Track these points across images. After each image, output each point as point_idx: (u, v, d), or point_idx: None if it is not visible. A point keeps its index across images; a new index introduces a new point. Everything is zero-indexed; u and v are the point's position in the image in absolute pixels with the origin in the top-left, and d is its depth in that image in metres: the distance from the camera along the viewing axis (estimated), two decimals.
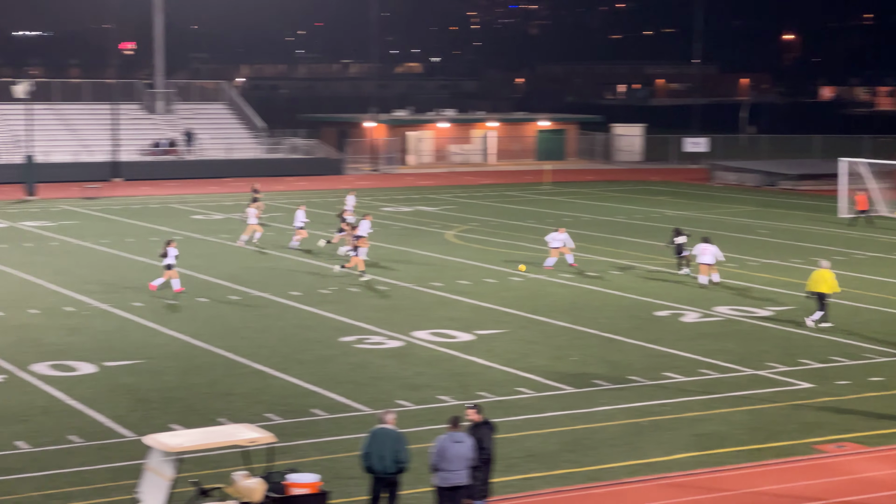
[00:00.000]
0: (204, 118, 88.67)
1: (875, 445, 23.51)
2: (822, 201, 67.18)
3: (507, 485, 21.16)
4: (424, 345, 31.48)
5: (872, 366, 29.60)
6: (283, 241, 49.74)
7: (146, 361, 29.67)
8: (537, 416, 25.36)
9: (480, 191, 73.42)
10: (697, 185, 77.63)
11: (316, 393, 27.02)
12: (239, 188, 73.97)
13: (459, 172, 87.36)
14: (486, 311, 35.81)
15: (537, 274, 42.04)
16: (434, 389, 27.24)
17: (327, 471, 21.61)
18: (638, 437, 23.91)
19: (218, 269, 43.11)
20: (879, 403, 26.32)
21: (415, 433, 23.84)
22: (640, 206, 64.27)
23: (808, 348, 31.25)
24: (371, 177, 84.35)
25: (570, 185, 77.58)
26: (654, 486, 21.28)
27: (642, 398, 26.64)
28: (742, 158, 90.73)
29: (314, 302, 37.25)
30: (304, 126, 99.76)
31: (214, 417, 24.92)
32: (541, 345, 31.56)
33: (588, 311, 35.89)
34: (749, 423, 24.86)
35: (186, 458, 21.07)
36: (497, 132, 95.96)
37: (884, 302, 37.48)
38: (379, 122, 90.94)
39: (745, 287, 40.06)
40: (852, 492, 21.01)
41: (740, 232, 54.16)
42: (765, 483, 21.46)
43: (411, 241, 50.59)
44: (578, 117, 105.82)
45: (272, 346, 31.37)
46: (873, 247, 49.49)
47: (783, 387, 27.69)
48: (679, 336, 32.70)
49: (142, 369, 28.89)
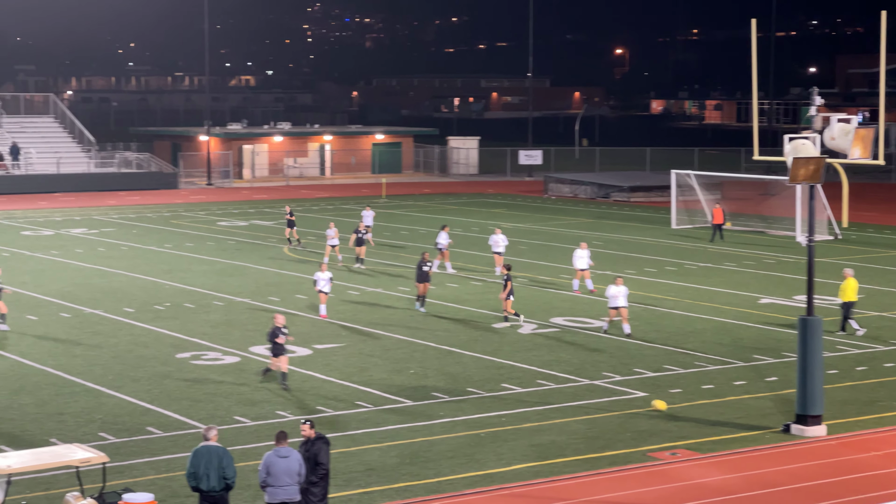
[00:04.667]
0: (31, 132, 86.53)
1: (707, 452, 24.00)
2: (653, 212, 68.55)
3: (346, 499, 21.04)
4: (262, 360, 31.15)
5: (704, 374, 30.25)
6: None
7: None
8: (376, 429, 25.28)
9: (317, 204, 73.13)
10: (532, 198, 78.56)
11: (151, 410, 26.52)
12: (68, 203, 72.43)
13: (295, 186, 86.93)
14: (324, 325, 35.62)
15: (375, 287, 42.00)
16: (272, 405, 26.97)
17: (163, 490, 21.23)
18: (477, 449, 24.01)
19: (48, 286, 42.08)
20: (711, 411, 26.89)
21: (253, 449, 23.58)
22: (477, 218, 64.73)
23: (642, 358, 31.78)
24: (206, 191, 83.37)
25: (406, 197, 77.79)
26: (493, 498, 21.38)
27: (481, 410, 26.77)
28: (576, 171, 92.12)
29: (148, 318, 36.60)
30: (137, 140, 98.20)
31: (46, 438, 24.27)
32: (379, 358, 31.50)
33: (426, 324, 35.95)
34: (586, 433, 25.16)
35: (17, 480, 20.47)
36: (332, 145, 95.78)
37: (714, 311, 38.35)
38: (213, 135, 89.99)
39: (580, 298, 40.58)
40: (686, 498, 21.40)
41: (575, 244, 54.84)
42: (602, 491, 21.73)
43: (247, 256, 50.12)
44: (414, 130, 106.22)
45: (105, 364, 30.71)
46: (703, 257, 50.65)
47: (618, 396, 28.10)
48: (516, 347, 32.96)
49: None
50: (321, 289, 36.51)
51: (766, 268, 47.67)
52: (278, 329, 28.22)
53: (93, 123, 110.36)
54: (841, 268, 39.20)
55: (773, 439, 24.88)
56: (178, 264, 47.67)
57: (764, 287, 42.96)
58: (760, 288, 42.76)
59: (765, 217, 63.14)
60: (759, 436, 25.10)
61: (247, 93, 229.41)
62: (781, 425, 25.65)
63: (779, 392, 28.45)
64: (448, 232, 46.16)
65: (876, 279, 44.77)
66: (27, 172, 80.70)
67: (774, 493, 21.70)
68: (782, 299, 40.49)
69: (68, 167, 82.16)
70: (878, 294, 41.70)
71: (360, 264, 46.43)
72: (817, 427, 25.24)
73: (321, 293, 36.60)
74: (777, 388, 28.88)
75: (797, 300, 40.03)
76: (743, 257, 50.56)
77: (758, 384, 29.24)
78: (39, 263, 47.52)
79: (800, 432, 25.19)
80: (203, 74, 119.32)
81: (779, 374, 30.10)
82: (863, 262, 49.01)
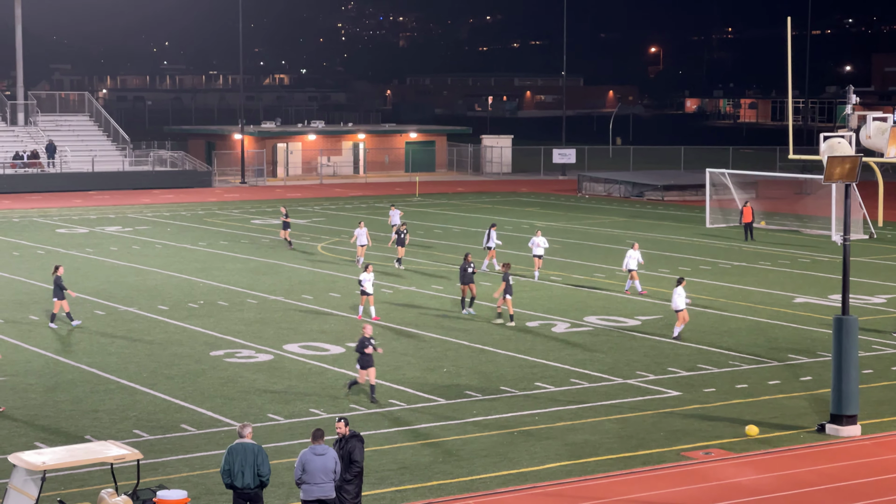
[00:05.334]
0: (67, 130, 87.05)
1: (740, 452, 23.91)
2: (687, 211, 68.32)
3: (379, 497, 21.06)
4: (295, 358, 31.24)
5: (738, 373, 30.12)
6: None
7: (8, 379, 28.96)
8: (409, 427, 25.30)
9: (350, 202, 73.26)
10: (566, 196, 78.42)
11: (185, 408, 26.63)
12: (103, 201, 72.81)
13: (329, 185, 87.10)
14: (358, 324, 35.63)
15: (409, 286, 42.02)
16: (305, 403, 27.02)
17: (197, 487, 21.31)
18: (510, 448, 23.98)
19: (83, 283, 42.30)
20: (745, 410, 26.78)
21: (287, 447, 23.64)
22: (511, 217, 64.66)
23: (676, 357, 31.68)
24: (239, 189, 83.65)
25: (439, 196, 77.79)
26: (526, 496, 21.36)
27: (514, 409, 26.74)
28: (609, 170, 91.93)
29: (182, 316, 36.75)
30: (171, 138, 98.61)
31: (81, 435, 24.40)
32: (412, 356, 31.52)
33: (459, 322, 35.94)
34: (619, 432, 25.10)
35: (51, 476, 20.60)
36: (366, 144, 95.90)
37: (748, 310, 38.19)
38: (247, 134, 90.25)
39: (614, 297, 40.50)
40: (720, 497, 21.31)
41: (609, 242, 54.81)
42: (635, 491, 21.67)
43: (281, 255, 50.23)
44: (447, 129, 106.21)
45: (139, 362, 30.85)
46: (738, 256, 50.44)
47: (652, 395, 28.02)
48: (550, 346, 32.92)
49: (4, 387, 28.18)
50: (366, 290, 36.01)
51: (801, 267, 47.43)
52: (366, 340, 27.01)
53: (127, 122, 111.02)
54: (876, 268, 38.92)
55: (808, 439, 24.75)
56: (212, 262, 47.84)
57: (799, 286, 42.75)
58: (795, 287, 42.55)
59: (800, 216, 62.83)
60: (793, 435, 24.98)
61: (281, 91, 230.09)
62: (816, 425, 25.51)
63: (813, 392, 28.30)
64: (496, 232, 45.92)
65: None
66: (62, 170, 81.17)
67: (808, 493, 21.59)
68: (817, 298, 40.27)
69: (103, 165, 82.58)
70: None
71: (398, 264, 46.22)
72: (852, 427, 25.09)
73: (366, 295, 36.09)
74: (812, 387, 28.73)
75: (832, 299, 39.81)
76: (778, 256, 50.33)
77: (792, 384, 29.10)
78: (74, 261, 47.78)
79: (835, 432, 25.05)
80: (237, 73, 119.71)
81: (813, 374, 29.94)
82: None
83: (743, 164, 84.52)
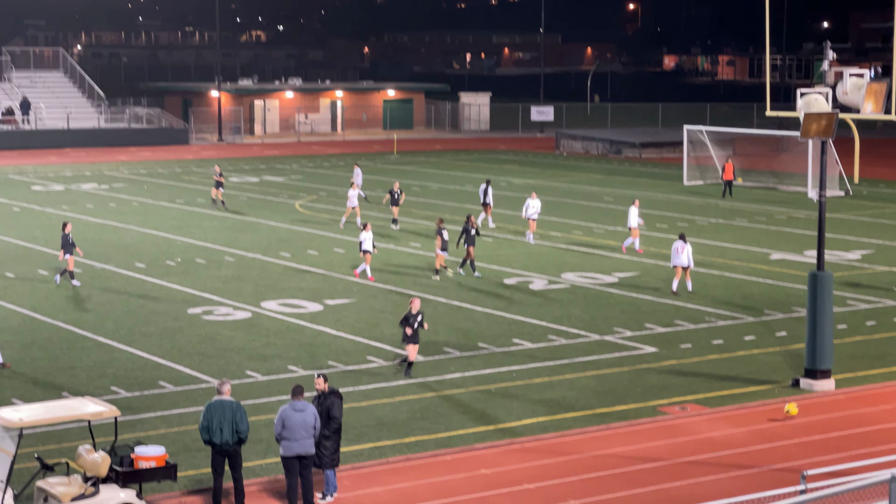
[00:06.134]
0: (41, 87, 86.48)
1: (716, 406, 24.07)
2: (665, 168, 68.41)
3: (357, 453, 21.14)
4: (273, 315, 31.26)
5: (714, 329, 30.28)
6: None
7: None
8: (388, 384, 25.37)
9: (328, 160, 73.08)
10: (544, 154, 78.39)
11: (163, 365, 26.64)
12: (79, 159, 72.47)
13: (307, 142, 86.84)
14: (335, 281, 35.69)
15: (386, 243, 42.02)
16: (283, 360, 27.07)
17: (175, 443, 21.36)
18: (487, 404, 24.09)
19: (58, 241, 42.03)
20: (720, 366, 26.95)
21: (265, 404, 23.69)
22: (489, 174, 64.62)
23: (653, 313, 31.81)
24: (217, 147, 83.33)
25: (418, 154, 77.69)
26: (503, 452, 21.47)
27: (491, 365, 26.84)
28: (587, 127, 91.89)
29: (160, 274, 36.70)
30: (147, 95, 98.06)
31: (58, 392, 24.41)
32: (390, 314, 31.56)
33: (437, 280, 35.96)
34: (596, 388, 25.23)
35: (29, 433, 20.61)
36: (344, 102, 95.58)
37: (725, 267, 38.34)
38: (224, 91, 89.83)
39: (590, 254, 40.60)
40: (695, 452, 21.47)
41: (586, 200, 54.87)
42: (611, 446, 21.81)
43: (259, 212, 50.15)
44: (425, 86, 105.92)
45: (116, 319, 30.82)
46: (715, 213, 50.57)
47: (629, 351, 28.16)
48: (527, 303, 33.00)
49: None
50: (367, 249, 35.66)
51: (778, 223, 47.60)
52: (412, 316, 25.89)
53: (103, 79, 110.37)
54: (852, 224, 39.14)
55: (782, 393, 24.94)
56: (189, 220, 47.74)
57: (775, 243, 42.92)
58: (771, 243, 42.72)
59: (777, 173, 62.97)
60: (768, 390, 25.16)
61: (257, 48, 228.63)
62: (791, 380, 25.69)
63: (788, 347, 28.48)
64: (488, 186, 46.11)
65: (887, 234, 44.68)
66: (37, 127, 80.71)
67: (783, 446, 21.77)
68: (793, 255, 40.45)
69: (78, 122, 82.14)
70: (889, 249, 41.63)
71: (395, 225, 45.57)
72: (826, 381, 25.29)
73: (367, 254, 35.83)
74: (787, 342, 28.91)
75: (808, 256, 39.99)
76: (754, 213, 50.48)
77: (767, 339, 29.27)
78: (50, 219, 47.59)
79: (809, 387, 25.24)
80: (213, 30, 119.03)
81: (788, 329, 30.12)
82: (873, 218, 48.91)
83: (720, 121, 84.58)
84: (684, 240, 34.19)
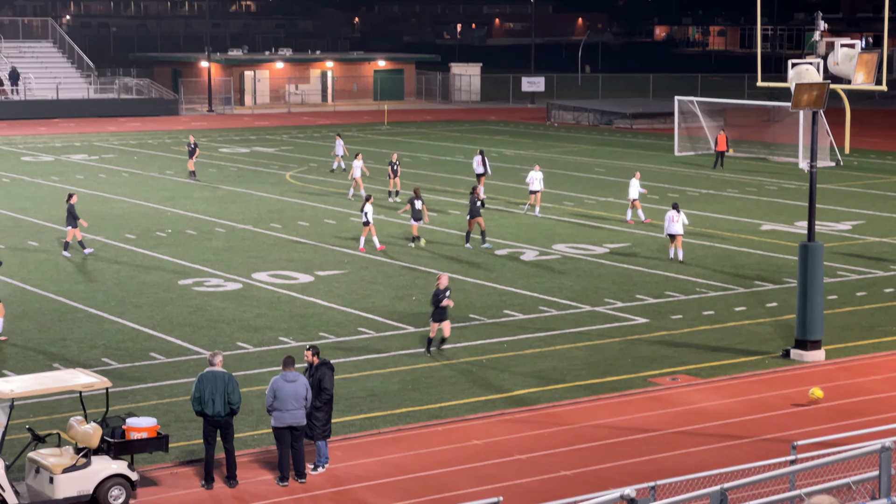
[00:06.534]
0: (30, 57, 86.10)
1: (706, 377, 24.13)
2: (656, 139, 68.37)
3: (349, 424, 21.17)
4: (264, 286, 31.24)
5: (704, 300, 30.32)
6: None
7: None
8: (379, 355, 25.39)
9: (319, 131, 72.93)
10: (535, 125, 78.29)
11: (154, 336, 26.63)
12: (68, 129, 72.24)
13: (297, 113, 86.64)
14: (326, 252, 35.67)
15: (377, 214, 41.95)
16: (274, 331, 27.07)
17: (166, 414, 21.37)
18: (478, 375, 24.12)
19: (49, 212, 42.07)
20: (710, 336, 27.00)
21: (257, 375, 23.71)
22: (479, 145, 64.51)
23: (644, 284, 31.84)
24: (207, 117, 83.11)
25: (408, 125, 77.54)
26: (494, 423, 21.51)
27: (483, 336, 26.86)
28: (578, 98, 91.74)
29: (150, 245, 36.64)
30: (137, 65, 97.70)
31: (49, 363, 24.39)
32: (381, 285, 31.57)
33: (425, 251, 35.98)
34: (587, 359, 25.27)
35: (20, 404, 20.61)
36: (334, 72, 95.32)
37: (715, 238, 38.37)
38: (214, 61, 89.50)
39: (581, 225, 40.60)
40: (686, 422, 21.53)
41: (577, 171, 54.84)
42: (602, 416, 21.86)
43: (249, 183, 50.06)
44: (416, 57, 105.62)
45: (107, 290, 30.79)
46: (706, 184, 50.58)
47: (620, 322, 28.20)
48: (518, 274, 33.01)
49: None
50: (369, 220, 35.59)
51: (769, 194, 47.62)
52: (441, 292, 25.14)
53: (92, 49, 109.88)
54: (843, 195, 39.20)
55: (773, 364, 25.00)
56: (179, 191, 47.64)
57: (766, 213, 42.95)
58: (762, 214, 42.76)
59: (768, 143, 62.98)
60: (758, 361, 25.22)
61: (247, 18, 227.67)
62: (781, 350, 25.76)
63: (779, 318, 28.54)
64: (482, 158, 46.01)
65: (877, 205, 44.74)
66: (26, 98, 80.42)
67: (773, 416, 21.83)
68: (784, 225, 40.49)
69: (67, 93, 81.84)
70: (879, 220, 41.69)
71: (393, 197, 45.33)
72: (816, 352, 25.35)
73: (366, 225, 35.72)
74: (777, 313, 28.96)
75: (798, 226, 40.03)
76: (745, 184, 50.50)
77: (758, 310, 29.32)
78: (40, 189, 47.48)
79: (799, 357, 25.30)
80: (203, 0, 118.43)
81: (779, 300, 30.18)
82: (864, 188, 48.95)
83: (711, 92, 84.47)
84: (677, 209, 34.19)
